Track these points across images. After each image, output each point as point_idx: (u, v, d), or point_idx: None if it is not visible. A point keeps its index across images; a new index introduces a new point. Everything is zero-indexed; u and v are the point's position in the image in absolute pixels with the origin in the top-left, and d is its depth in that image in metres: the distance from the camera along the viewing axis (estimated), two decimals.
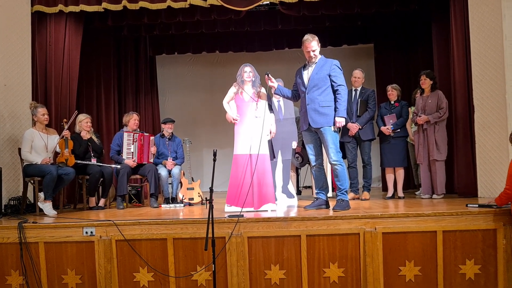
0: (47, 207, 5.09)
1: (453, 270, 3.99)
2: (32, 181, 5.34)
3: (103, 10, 6.29)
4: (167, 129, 6.43)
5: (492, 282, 3.98)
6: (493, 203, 4.16)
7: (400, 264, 4.00)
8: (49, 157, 5.33)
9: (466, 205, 4.38)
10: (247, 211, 4.61)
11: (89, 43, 7.22)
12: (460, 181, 5.90)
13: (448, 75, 6.26)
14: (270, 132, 5.11)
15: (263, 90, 4.96)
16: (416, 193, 6.50)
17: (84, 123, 5.87)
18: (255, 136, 4.79)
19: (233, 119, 4.93)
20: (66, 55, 6.51)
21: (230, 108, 5.01)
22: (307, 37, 4.67)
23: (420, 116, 5.75)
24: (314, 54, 4.67)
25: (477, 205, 4.28)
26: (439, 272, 3.97)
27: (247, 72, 4.93)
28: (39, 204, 5.20)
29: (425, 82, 5.83)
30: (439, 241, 3.98)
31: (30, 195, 5.62)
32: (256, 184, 4.76)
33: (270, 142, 5.14)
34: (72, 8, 6.22)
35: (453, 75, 6.00)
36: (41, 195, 5.18)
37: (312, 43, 4.64)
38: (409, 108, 6.19)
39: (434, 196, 5.73)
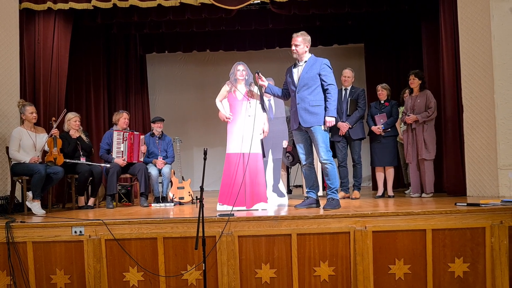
0: (35, 206, 5.04)
1: (442, 268, 4.02)
2: (20, 180, 5.28)
3: (92, 7, 6.25)
4: (156, 128, 6.40)
5: (480, 280, 4.02)
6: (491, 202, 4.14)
7: (390, 262, 4.02)
8: (38, 156, 5.27)
9: (455, 204, 4.42)
10: (238, 210, 4.61)
11: (78, 41, 7.17)
12: (449, 180, 5.95)
13: (438, 75, 6.31)
14: (263, 131, 5.10)
15: (255, 89, 4.95)
16: (406, 192, 6.54)
17: (72, 122, 5.82)
18: (247, 135, 4.78)
19: (226, 118, 4.92)
20: (55, 53, 6.45)
21: (223, 107, 4.99)
22: (296, 33, 4.67)
23: (409, 116, 5.79)
24: (295, 50, 4.66)
25: (465, 204, 4.32)
26: (429, 270, 4.00)
27: (240, 70, 4.91)
28: (27, 203, 5.15)
29: (414, 82, 5.88)
30: (429, 240, 4.01)
31: (18, 194, 5.56)
32: (249, 183, 4.75)
33: (261, 141, 5.13)
34: (61, 6, 6.16)
35: (442, 75, 6.05)
36: (29, 194, 5.12)
37: (298, 38, 4.63)
38: (399, 108, 6.23)
39: (424, 195, 5.78)
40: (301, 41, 4.64)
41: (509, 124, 5.26)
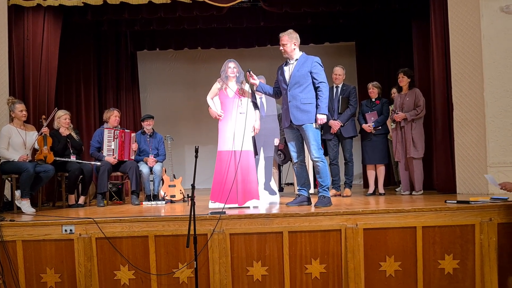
0: (24, 205, 4.99)
1: (432, 265, 4.05)
2: (9, 179, 5.23)
3: (82, 4, 6.20)
4: (146, 126, 6.37)
5: (470, 276, 4.06)
6: (481, 199, 4.19)
7: (381, 259, 4.05)
8: (27, 154, 5.21)
9: (445, 201, 4.46)
10: (230, 208, 4.60)
11: (68, 38, 7.12)
12: (439, 178, 6.00)
13: (428, 73, 6.36)
14: (254, 129, 5.11)
15: (246, 86, 4.94)
16: (397, 189, 6.58)
17: (62, 119, 5.77)
18: (239, 133, 4.78)
19: (217, 115, 4.91)
20: (44, 50, 6.39)
21: (214, 104, 4.98)
22: (283, 32, 4.67)
23: (397, 114, 5.82)
24: (283, 50, 4.67)
25: (455, 201, 4.36)
26: (419, 267, 4.03)
27: (231, 67, 4.91)
28: (16, 202, 5.10)
29: (403, 80, 5.91)
30: (419, 237, 4.04)
31: (7, 193, 5.50)
32: (240, 180, 4.75)
33: (253, 139, 5.13)
34: (50, 2, 6.10)
35: (433, 73, 6.09)
36: (17, 193, 5.07)
37: (284, 37, 4.65)
38: (390, 106, 6.27)
39: (414, 192, 5.82)
40: (287, 40, 4.65)
41: (499, 122, 5.31)
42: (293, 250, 4.03)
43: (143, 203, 5.87)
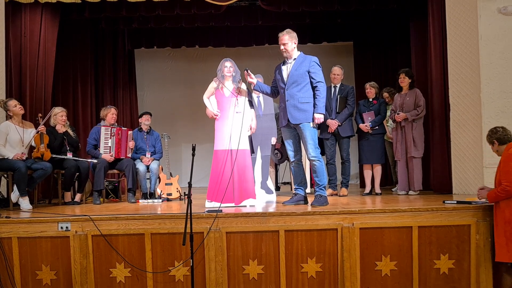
0: (23, 203, 4.98)
1: (428, 265, 4.06)
2: (5, 175, 5.20)
3: (80, 1, 6.17)
4: (144, 121, 6.37)
5: (465, 276, 4.08)
6: (483, 200, 4.16)
7: (377, 259, 4.06)
8: (22, 152, 5.17)
9: (443, 202, 4.47)
10: (227, 207, 4.60)
11: (65, 35, 7.10)
12: (436, 178, 6.01)
13: (425, 74, 6.37)
14: (250, 128, 5.11)
15: (243, 85, 4.94)
16: (393, 189, 6.58)
17: (59, 116, 5.74)
18: (235, 132, 4.78)
19: (214, 115, 4.91)
20: (41, 47, 6.37)
21: (211, 104, 4.98)
22: (282, 32, 4.68)
23: (398, 114, 5.84)
24: (284, 49, 4.68)
25: (455, 202, 4.36)
26: (415, 267, 4.04)
27: (228, 67, 4.91)
28: (14, 198, 5.08)
29: (404, 80, 5.92)
30: (415, 237, 4.05)
31: (3, 189, 5.48)
32: (237, 179, 4.75)
33: (250, 138, 5.13)
34: None
35: (430, 74, 6.11)
36: (16, 193, 5.06)
37: (284, 37, 4.65)
38: (387, 106, 6.27)
39: (410, 192, 5.83)
40: (288, 39, 4.66)
41: (495, 123, 5.28)
42: (289, 249, 4.03)
43: (140, 201, 5.86)
